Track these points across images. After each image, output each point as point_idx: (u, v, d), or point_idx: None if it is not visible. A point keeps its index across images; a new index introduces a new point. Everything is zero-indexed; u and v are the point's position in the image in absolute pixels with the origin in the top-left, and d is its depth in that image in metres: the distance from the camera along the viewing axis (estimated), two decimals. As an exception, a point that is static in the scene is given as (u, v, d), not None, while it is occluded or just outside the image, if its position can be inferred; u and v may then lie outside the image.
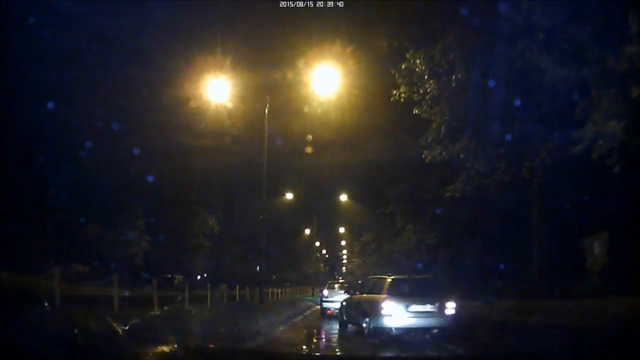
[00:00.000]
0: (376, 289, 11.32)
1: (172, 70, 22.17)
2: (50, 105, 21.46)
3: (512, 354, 4.46)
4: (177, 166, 30.72)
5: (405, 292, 10.53)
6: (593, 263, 30.79)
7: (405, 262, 41.40)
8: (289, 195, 37.91)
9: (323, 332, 12.42)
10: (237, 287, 21.12)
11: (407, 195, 30.51)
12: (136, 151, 24.49)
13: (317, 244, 66.63)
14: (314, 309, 24.64)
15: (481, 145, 17.70)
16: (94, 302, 9.88)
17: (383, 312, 10.06)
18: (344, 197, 45.96)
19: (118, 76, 24.02)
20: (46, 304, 6.43)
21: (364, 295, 11.94)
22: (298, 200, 43.58)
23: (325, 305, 20.46)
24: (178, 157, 30.89)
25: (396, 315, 10.00)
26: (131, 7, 21.00)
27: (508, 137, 16.54)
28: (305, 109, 21.41)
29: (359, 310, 11.72)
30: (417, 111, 18.49)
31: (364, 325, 10.91)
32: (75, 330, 2.71)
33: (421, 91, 18.02)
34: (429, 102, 18.19)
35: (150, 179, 27.90)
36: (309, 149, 32.55)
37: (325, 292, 21.38)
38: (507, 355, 4.12)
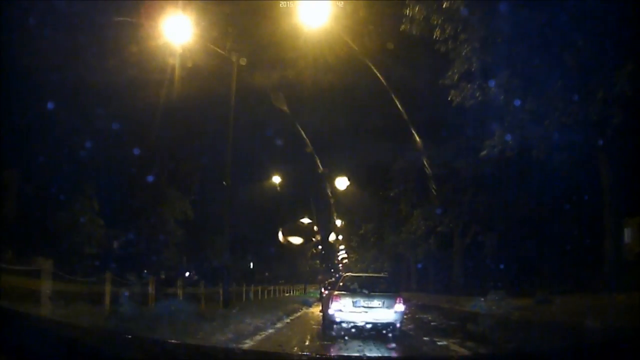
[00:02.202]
0: (334, 285, 12.65)
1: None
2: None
3: (512, 354, 4.49)
4: (143, 133, 25.17)
5: (355, 289, 11.09)
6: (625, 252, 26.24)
7: (411, 255, 36.49)
8: (276, 179, 32.39)
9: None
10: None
11: (416, 171, 25.19)
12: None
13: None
14: (299, 313, 18.47)
15: (530, 80, 12.50)
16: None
17: (333, 306, 10.73)
18: (340, 183, 40.71)
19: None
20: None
21: (330, 291, 12.99)
22: (290, 187, 38.39)
23: None
24: (146, 125, 25.29)
25: (345, 309, 10.66)
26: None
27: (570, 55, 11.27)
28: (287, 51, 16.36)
29: (323, 304, 13.14)
30: (437, 35, 13.25)
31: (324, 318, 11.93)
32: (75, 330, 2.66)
33: (444, 5, 12.76)
34: (455, 22, 12.98)
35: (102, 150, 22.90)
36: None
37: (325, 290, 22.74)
38: (507, 355, 3.89)
